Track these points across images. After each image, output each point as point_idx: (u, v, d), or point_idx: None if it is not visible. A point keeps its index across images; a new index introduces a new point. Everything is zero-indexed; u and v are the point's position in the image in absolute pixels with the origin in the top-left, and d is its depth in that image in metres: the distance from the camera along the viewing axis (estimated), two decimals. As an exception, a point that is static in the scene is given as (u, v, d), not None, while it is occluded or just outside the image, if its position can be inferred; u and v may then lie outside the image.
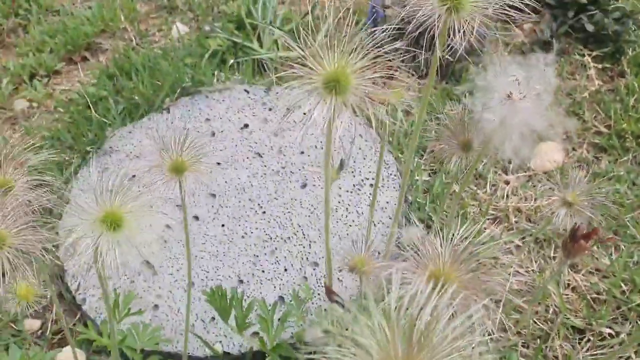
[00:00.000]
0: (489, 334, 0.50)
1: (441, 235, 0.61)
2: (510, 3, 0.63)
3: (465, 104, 0.90)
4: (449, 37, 0.64)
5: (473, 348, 0.41)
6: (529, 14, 0.59)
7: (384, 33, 0.66)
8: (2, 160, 0.75)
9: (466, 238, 0.62)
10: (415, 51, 1.77)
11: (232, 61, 1.84)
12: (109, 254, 0.62)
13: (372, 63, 0.57)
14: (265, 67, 1.87)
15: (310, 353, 0.43)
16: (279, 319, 1.02)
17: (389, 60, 0.59)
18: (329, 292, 0.72)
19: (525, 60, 0.85)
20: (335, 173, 0.89)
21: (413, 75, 0.80)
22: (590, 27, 1.81)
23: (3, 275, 0.65)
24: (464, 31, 0.60)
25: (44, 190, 0.73)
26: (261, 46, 1.91)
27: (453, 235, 0.61)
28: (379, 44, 0.63)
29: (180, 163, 0.76)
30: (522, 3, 0.62)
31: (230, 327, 0.97)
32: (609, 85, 1.75)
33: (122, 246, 0.63)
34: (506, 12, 0.64)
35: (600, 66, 1.79)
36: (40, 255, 0.67)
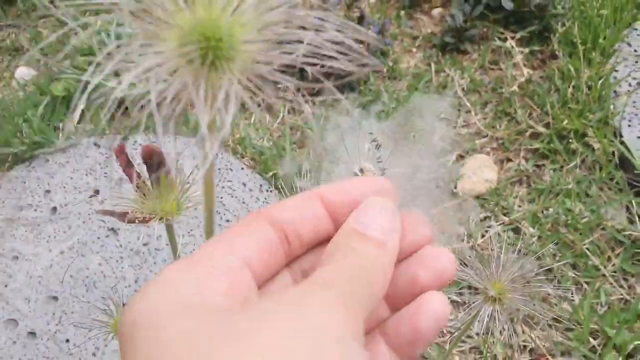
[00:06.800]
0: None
1: None
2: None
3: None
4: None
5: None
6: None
7: None
8: None
9: None
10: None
11: (81, 107, 1.47)
12: None
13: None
14: (129, 108, 1.51)
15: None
16: None
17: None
18: None
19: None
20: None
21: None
22: (508, 4, 1.50)
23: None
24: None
25: None
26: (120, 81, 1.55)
27: None
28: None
29: None
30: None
31: None
32: (540, 72, 1.44)
33: None
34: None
35: (527, 50, 1.48)
36: None
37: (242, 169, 1.26)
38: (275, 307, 0.25)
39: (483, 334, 1.07)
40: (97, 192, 1.27)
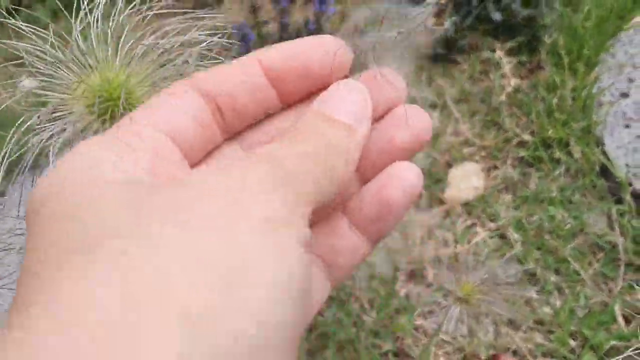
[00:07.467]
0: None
1: None
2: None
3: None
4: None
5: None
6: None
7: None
8: None
9: None
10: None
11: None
12: None
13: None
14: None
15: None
16: None
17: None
18: None
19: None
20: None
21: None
22: (497, 16, 1.54)
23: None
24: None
25: None
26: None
27: None
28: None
29: None
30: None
31: None
32: (527, 82, 1.49)
33: None
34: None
35: (515, 60, 1.53)
36: None
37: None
38: (204, 181, 0.21)
39: (469, 336, 1.11)
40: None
